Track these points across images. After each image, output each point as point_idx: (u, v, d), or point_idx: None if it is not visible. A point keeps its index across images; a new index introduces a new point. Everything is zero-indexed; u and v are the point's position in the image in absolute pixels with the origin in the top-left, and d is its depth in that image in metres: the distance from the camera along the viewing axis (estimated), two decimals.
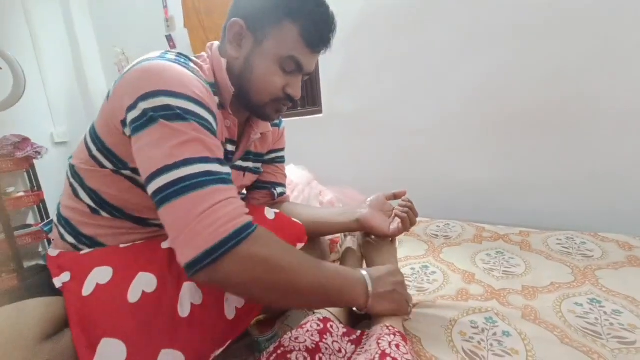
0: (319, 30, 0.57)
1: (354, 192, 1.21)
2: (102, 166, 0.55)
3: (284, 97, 0.60)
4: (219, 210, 0.43)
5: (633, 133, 1.02)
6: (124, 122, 0.49)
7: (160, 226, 0.61)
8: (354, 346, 0.54)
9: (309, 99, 1.79)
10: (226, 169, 0.48)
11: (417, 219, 0.73)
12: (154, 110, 0.45)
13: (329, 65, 1.58)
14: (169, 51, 0.55)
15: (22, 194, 2.01)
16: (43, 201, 2.09)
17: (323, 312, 0.62)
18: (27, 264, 1.73)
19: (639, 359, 0.50)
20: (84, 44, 2.37)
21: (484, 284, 0.76)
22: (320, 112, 1.69)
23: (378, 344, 0.48)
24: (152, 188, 0.44)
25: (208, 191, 0.44)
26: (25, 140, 1.97)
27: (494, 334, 0.58)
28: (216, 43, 0.63)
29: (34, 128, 2.16)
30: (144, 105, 0.45)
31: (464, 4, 1.21)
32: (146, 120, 0.45)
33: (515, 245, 0.94)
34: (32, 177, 2.08)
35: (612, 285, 0.69)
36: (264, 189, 0.80)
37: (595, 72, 1.04)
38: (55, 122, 2.35)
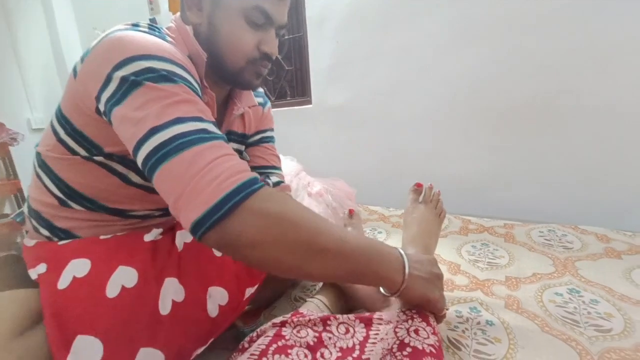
0: None
1: (342, 183, 1.21)
2: (73, 152, 0.50)
3: (260, 56, 0.55)
4: (221, 165, 0.38)
5: (614, 129, 1.05)
6: (97, 99, 0.44)
7: (141, 217, 0.58)
8: (362, 324, 0.49)
9: (299, 90, 1.77)
10: (222, 133, 0.43)
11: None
12: (136, 74, 0.40)
13: (319, 55, 1.55)
14: (140, 23, 0.50)
15: None
16: (20, 190, 2.01)
17: (317, 303, 0.59)
18: (4, 255, 1.67)
19: (614, 345, 0.52)
20: (62, 25, 2.26)
21: (469, 274, 0.77)
22: (309, 102, 1.67)
23: (395, 332, 0.45)
24: (141, 155, 0.39)
25: (206, 146, 0.39)
26: None
27: (478, 323, 0.59)
28: (178, 14, 0.57)
29: (9, 113, 2.06)
30: (121, 74, 0.40)
31: None
32: (128, 86, 0.40)
33: (499, 237, 0.96)
34: (8, 164, 1.99)
35: (590, 276, 0.72)
36: None
37: (579, 68, 1.06)
38: (32, 108, 2.25)
